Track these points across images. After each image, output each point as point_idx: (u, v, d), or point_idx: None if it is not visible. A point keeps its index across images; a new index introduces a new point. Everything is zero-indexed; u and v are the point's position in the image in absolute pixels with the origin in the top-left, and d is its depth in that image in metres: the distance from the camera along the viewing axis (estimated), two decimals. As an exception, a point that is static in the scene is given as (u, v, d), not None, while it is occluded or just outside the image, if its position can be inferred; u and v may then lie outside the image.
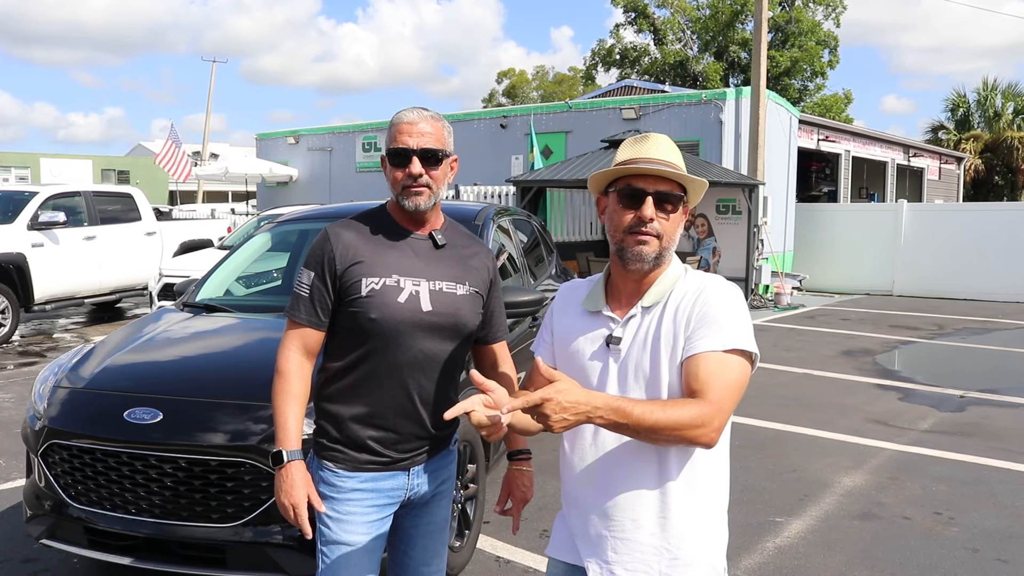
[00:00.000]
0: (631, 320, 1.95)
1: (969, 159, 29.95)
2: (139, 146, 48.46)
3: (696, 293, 1.91)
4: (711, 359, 1.82)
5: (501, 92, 51.54)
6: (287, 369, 2.30)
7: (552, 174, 14.20)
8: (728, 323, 1.85)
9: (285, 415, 2.27)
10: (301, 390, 2.30)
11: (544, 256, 6.60)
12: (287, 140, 23.79)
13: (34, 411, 3.67)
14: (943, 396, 8.00)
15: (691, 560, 1.91)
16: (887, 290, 17.61)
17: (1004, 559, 4.26)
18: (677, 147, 2.00)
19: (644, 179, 1.91)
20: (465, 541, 4.01)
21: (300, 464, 2.25)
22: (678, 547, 1.90)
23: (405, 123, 2.27)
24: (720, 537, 1.98)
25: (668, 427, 1.73)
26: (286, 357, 2.31)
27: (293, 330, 2.32)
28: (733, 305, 1.89)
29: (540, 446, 6.11)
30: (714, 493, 1.96)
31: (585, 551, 2.00)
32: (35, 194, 10.95)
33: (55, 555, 4.09)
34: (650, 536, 1.91)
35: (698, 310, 1.87)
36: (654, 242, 1.90)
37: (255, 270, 5.47)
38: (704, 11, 35.71)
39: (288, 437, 2.26)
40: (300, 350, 2.31)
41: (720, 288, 1.91)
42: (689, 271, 2.00)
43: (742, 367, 1.85)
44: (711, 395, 1.78)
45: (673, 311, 1.91)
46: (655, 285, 1.96)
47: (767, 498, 5.03)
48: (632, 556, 1.92)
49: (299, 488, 2.23)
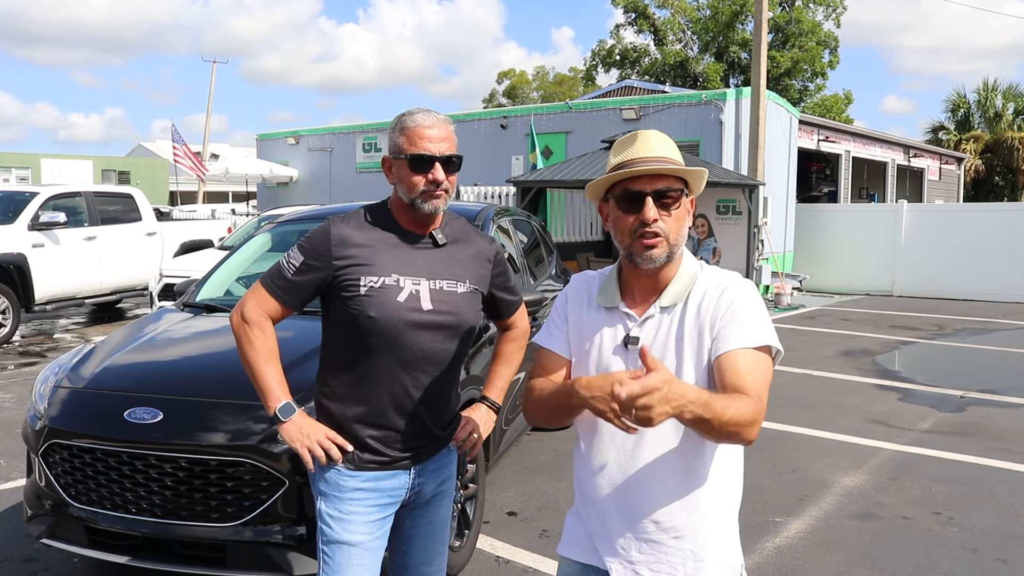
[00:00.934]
0: (649, 320, 1.93)
1: (969, 159, 29.95)
2: (139, 146, 48.44)
3: (719, 291, 1.89)
4: (745, 356, 1.81)
5: (501, 93, 51.57)
6: (256, 321, 2.30)
7: (552, 174, 14.21)
8: (755, 320, 1.85)
9: (267, 370, 2.30)
10: (273, 346, 2.32)
11: (544, 256, 6.61)
12: (287, 140, 23.80)
13: (34, 411, 3.68)
14: (943, 396, 8.01)
15: (715, 560, 1.91)
16: (887, 290, 17.61)
17: (1003, 559, 4.26)
18: (669, 139, 1.97)
19: (640, 180, 1.88)
20: (465, 541, 4.01)
21: (301, 412, 2.31)
22: (703, 548, 1.90)
23: (423, 127, 2.25)
24: (736, 535, 1.98)
25: (735, 423, 1.69)
26: (253, 311, 2.31)
27: (266, 296, 2.32)
28: (757, 302, 1.89)
29: (539, 446, 6.12)
30: (732, 493, 1.96)
31: (606, 551, 1.97)
32: (36, 194, 10.96)
33: (55, 554, 4.09)
34: (675, 538, 1.90)
35: (723, 308, 1.86)
36: (662, 243, 1.87)
37: (255, 270, 5.47)
38: (704, 12, 35.72)
39: (284, 392, 2.30)
40: (263, 312, 2.32)
41: (742, 285, 1.91)
42: (705, 267, 1.98)
43: (770, 365, 1.87)
44: (753, 391, 1.77)
45: (696, 311, 1.89)
46: (672, 284, 1.93)
47: (767, 498, 5.03)
48: (657, 557, 1.91)
49: (314, 428, 2.29)
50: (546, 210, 15.15)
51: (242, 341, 2.31)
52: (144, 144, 48.22)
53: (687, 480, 1.89)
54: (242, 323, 2.31)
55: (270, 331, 2.32)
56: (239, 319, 2.31)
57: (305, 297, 2.32)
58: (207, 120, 34.33)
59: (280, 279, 2.31)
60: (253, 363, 2.30)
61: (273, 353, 2.31)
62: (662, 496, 1.89)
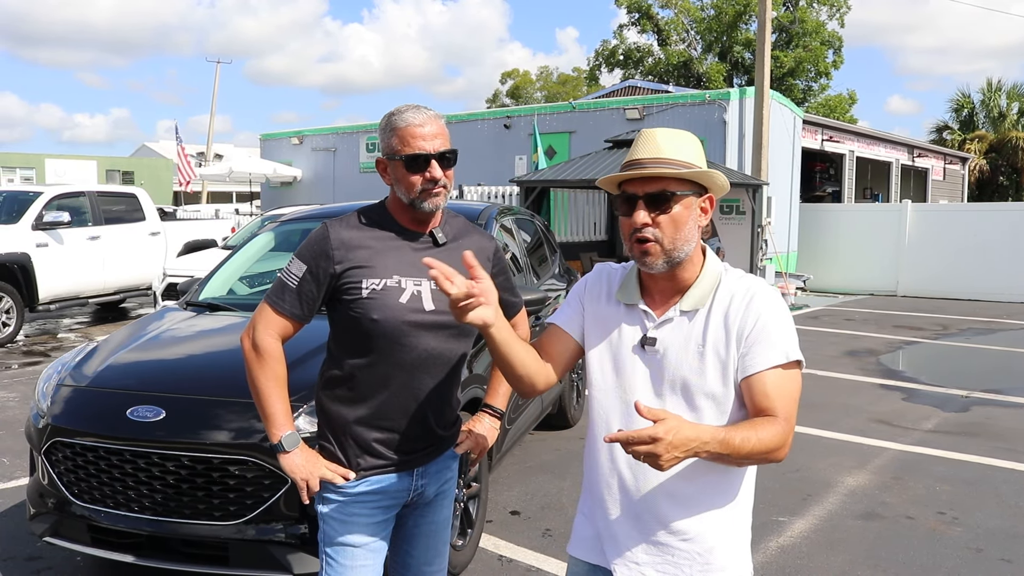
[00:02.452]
0: (667, 323, 1.89)
1: (973, 159, 29.90)
2: (144, 147, 48.48)
3: (745, 300, 1.85)
4: (775, 376, 1.80)
5: (505, 93, 51.57)
6: (267, 348, 2.26)
7: (556, 174, 14.20)
8: (783, 336, 1.83)
9: (275, 398, 2.27)
10: (283, 373, 2.29)
11: (547, 256, 6.60)
12: (291, 141, 23.81)
13: (37, 409, 3.68)
14: (947, 396, 7.99)
15: (723, 565, 1.89)
16: (891, 290, 17.58)
17: (1008, 559, 4.25)
18: (683, 136, 1.90)
19: (636, 182, 1.85)
20: (467, 540, 4.01)
21: (303, 444, 2.30)
22: (710, 551, 1.88)
23: (415, 126, 2.22)
24: (747, 541, 1.96)
25: (759, 452, 1.72)
26: (264, 336, 2.27)
27: (273, 316, 2.27)
28: (784, 315, 1.87)
29: (542, 446, 6.12)
30: (743, 498, 1.94)
31: (612, 552, 1.95)
32: (40, 194, 10.98)
33: (58, 553, 4.10)
34: (682, 541, 1.88)
35: (751, 322, 1.82)
36: (655, 248, 1.83)
37: (258, 270, 5.48)
38: (708, 11, 35.70)
39: (289, 421, 2.28)
40: (276, 336, 2.28)
41: (770, 296, 1.87)
42: (729, 269, 1.93)
43: (799, 379, 1.85)
44: (782, 412, 1.77)
45: (722, 318, 1.85)
46: (694, 287, 1.89)
47: (770, 497, 5.02)
48: (664, 559, 1.89)
49: (315, 461, 2.29)
50: (549, 210, 15.13)
51: (251, 365, 2.27)
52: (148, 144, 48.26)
53: (698, 483, 1.87)
54: (251, 349, 2.27)
55: (279, 355, 2.28)
56: (249, 344, 2.27)
57: (314, 306, 2.28)
58: (211, 120, 34.45)
59: (284, 294, 2.27)
60: (261, 389, 2.27)
61: (281, 379, 2.28)
62: (672, 498, 1.88)
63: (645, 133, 1.90)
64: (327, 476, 2.25)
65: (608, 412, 1.95)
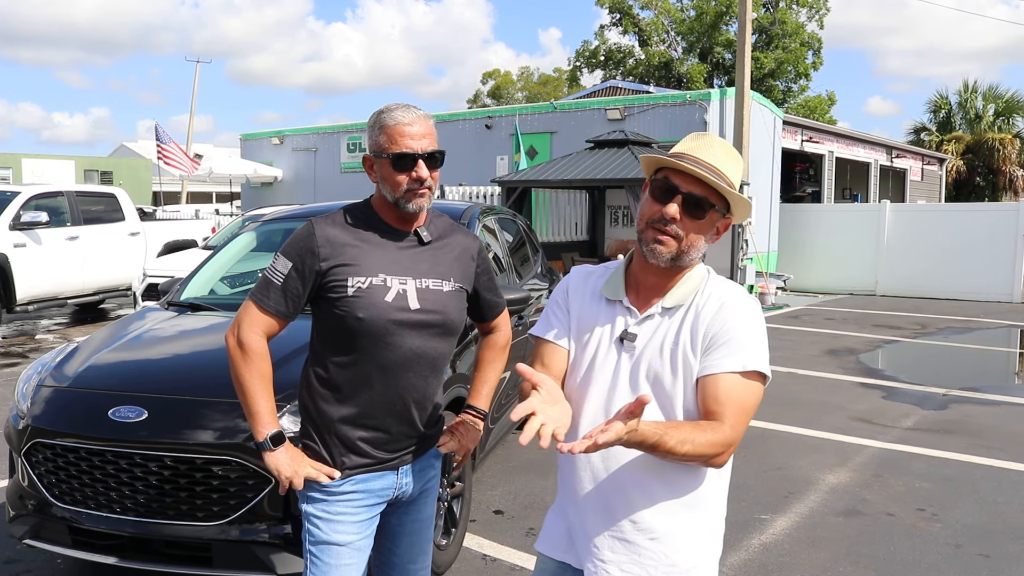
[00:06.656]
0: (648, 320, 1.91)
1: (951, 160, 30.18)
2: (122, 147, 48.01)
3: (717, 304, 1.87)
4: (730, 381, 1.81)
5: (486, 93, 51.54)
6: (252, 346, 2.24)
7: (537, 174, 14.22)
8: (748, 343, 1.83)
9: (260, 396, 2.25)
10: (268, 371, 2.28)
11: (529, 255, 6.61)
12: (271, 141, 23.72)
13: (17, 410, 3.64)
14: (926, 394, 8.07)
15: (688, 567, 1.90)
16: (870, 290, 17.73)
17: (986, 554, 4.30)
18: (738, 156, 1.93)
19: (682, 176, 1.85)
20: (451, 539, 4.01)
21: (288, 443, 2.28)
22: (675, 551, 1.89)
23: (404, 125, 2.22)
24: (716, 545, 1.97)
25: (696, 456, 1.75)
26: (249, 333, 2.25)
27: (258, 313, 2.26)
28: (754, 324, 1.86)
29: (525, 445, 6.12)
30: (715, 502, 1.94)
31: (582, 548, 1.96)
32: (17, 194, 10.87)
33: (38, 555, 4.06)
34: (649, 540, 1.89)
35: (718, 326, 1.84)
36: (671, 243, 1.85)
37: (239, 270, 5.46)
38: (688, 13, 35.87)
39: (274, 419, 2.27)
40: (261, 333, 2.26)
41: (742, 304, 1.88)
42: (711, 274, 1.95)
43: (757, 391, 1.85)
44: (729, 419, 1.78)
45: (692, 319, 1.87)
46: (678, 286, 1.91)
47: (752, 495, 5.05)
48: (630, 558, 1.90)
49: (300, 459, 2.27)
50: (531, 210, 15.16)
51: (237, 363, 2.25)
52: (127, 144, 47.82)
53: (668, 482, 1.88)
54: (236, 346, 2.25)
55: (265, 353, 2.26)
56: (234, 342, 2.25)
57: (299, 304, 2.27)
58: (190, 120, 34.26)
59: (269, 291, 2.25)
60: (246, 387, 2.25)
61: (267, 377, 2.27)
62: (642, 495, 1.89)
63: (707, 136, 1.91)
64: (312, 475, 2.25)
65: (583, 404, 1.96)
